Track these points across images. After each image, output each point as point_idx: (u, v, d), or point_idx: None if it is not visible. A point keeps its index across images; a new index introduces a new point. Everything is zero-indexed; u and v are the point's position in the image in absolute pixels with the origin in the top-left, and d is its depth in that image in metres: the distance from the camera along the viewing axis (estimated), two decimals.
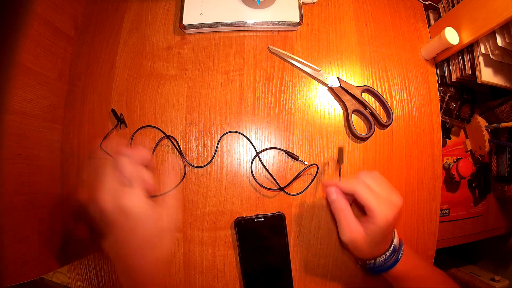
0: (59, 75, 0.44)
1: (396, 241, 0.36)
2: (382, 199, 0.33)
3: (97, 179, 0.29)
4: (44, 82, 0.41)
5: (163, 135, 0.43)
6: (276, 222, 0.39)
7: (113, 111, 0.43)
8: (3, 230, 0.34)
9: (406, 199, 0.46)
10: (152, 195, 0.42)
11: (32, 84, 0.39)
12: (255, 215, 0.38)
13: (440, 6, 0.51)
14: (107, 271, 0.42)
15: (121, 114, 0.43)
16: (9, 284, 0.33)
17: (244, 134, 0.43)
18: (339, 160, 0.41)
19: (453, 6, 0.48)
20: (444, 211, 0.55)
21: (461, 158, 0.55)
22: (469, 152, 0.57)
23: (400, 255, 0.35)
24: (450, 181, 0.55)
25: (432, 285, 0.36)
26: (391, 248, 0.35)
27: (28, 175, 0.38)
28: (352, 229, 0.34)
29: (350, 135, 0.45)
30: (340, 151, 0.41)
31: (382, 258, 0.35)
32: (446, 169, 0.54)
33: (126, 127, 0.44)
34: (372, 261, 0.36)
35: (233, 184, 0.43)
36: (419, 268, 0.37)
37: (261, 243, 0.35)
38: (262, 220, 0.38)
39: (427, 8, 0.53)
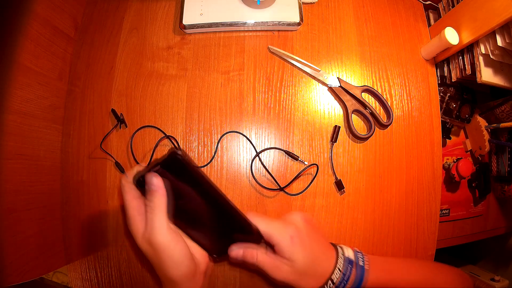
0: (59, 75, 0.44)
1: (346, 252, 0.32)
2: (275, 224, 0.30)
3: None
4: (44, 82, 0.41)
5: (163, 135, 0.43)
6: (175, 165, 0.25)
7: (113, 111, 0.43)
8: (3, 230, 0.34)
9: (406, 199, 0.46)
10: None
11: (32, 84, 0.39)
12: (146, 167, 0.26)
13: (440, 6, 0.51)
14: (107, 271, 0.42)
15: (121, 114, 0.43)
16: (9, 284, 0.33)
17: (244, 134, 0.43)
18: (333, 138, 0.41)
19: (453, 6, 0.48)
20: (444, 211, 0.55)
21: (461, 158, 0.55)
22: (469, 152, 0.57)
23: (363, 263, 0.32)
24: (450, 181, 0.55)
25: (412, 278, 0.35)
26: (340, 258, 0.31)
27: (28, 175, 0.38)
28: (278, 271, 0.30)
29: (350, 135, 0.45)
30: (336, 129, 0.41)
31: (337, 275, 0.30)
32: (446, 169, 0.54)
33: (126, 127, 0.44)
34: (330, 283, 0.30)
35: (233, 184, 0.43)
36: (394, 271, 0.35)
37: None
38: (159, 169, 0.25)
39: (427, 8, 0.53)
